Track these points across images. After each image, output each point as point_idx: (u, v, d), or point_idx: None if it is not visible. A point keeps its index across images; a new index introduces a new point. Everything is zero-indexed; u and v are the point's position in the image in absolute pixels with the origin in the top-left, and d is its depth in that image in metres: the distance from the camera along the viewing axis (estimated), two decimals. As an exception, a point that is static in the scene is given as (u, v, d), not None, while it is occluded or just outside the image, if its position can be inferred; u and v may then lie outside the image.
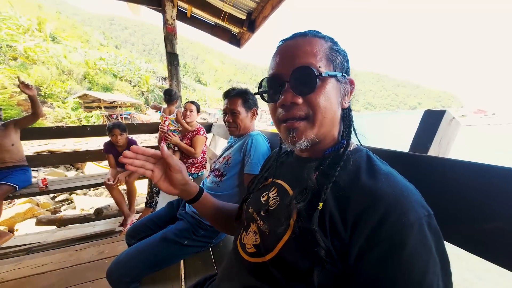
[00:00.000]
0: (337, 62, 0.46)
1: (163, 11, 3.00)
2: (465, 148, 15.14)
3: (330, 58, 0.46)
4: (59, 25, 48.57)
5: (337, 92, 0.47)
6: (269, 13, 2.85)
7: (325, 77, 0.44)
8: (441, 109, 0.55)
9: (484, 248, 0.40)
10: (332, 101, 0.46)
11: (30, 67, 23.16)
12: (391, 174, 0.40)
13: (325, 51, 0.46)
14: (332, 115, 0.47)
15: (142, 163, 0.56)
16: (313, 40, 0.46)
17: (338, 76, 0.46)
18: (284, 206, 0.47)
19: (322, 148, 0.51)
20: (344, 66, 0.48)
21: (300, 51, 0.45)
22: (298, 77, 0.44)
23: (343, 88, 0.48)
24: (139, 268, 0.94)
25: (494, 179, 0.39)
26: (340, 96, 0.48)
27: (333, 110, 0.46)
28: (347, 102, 0.50)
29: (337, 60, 0.46)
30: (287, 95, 0.45)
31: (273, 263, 0.45)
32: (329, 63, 0.46)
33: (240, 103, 1.20)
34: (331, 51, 0.46)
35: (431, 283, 0.31)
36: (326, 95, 0.44)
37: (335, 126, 0.49)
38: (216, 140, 3.35)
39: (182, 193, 0.64)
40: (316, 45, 0.45)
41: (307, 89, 0.44)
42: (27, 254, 1.95)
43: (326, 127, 0.47)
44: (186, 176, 0.62)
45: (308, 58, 0.44)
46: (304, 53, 0.44)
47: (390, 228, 0.33)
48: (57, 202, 4.20)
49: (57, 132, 2.69)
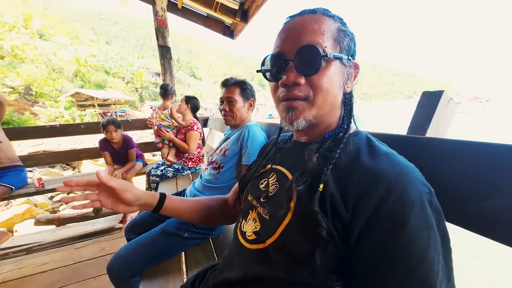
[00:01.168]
0: (344, 44, 0.45)
1: (153, 2, 2.90)
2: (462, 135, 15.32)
3: (338, 39, 0.44)
4: (46, 21, 47.06)
5: (340, 75, 0.45)
6: (262, 2, 2.78)
7: (330, 58, 0.42)
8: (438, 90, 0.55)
9: (482, 225, 0.40)
10: (334, 84, 0.44)
11: (18, 66, 22.53)
12: (392, 154, 0.40)
13: (333, 31, 0.44)
14: (332, 99, 0.45)
15: (84, 196, 0.55)
16: (322, 18, 0.44)
17: (344, 59, 0.44)
18: (284, 190, 0.46)
19: (321, 132, 0.50)
20: (351, 49, 0.46)
21: (307, 29, 0.43)
22: (303, 56, 0.42)
23: (347, 71, 0.46)
24: (139, 262, 0.94)
25: (491, 156, 0.38)
26: (343, 80, 0.46)
27: (335, 93, 0.45)
28: (349, 86, 0.48)
29: (344, 42, 0.45)
30: (290, 75, 0.44)
31: (274, 248, 0.45)
32: (336, 44, 0.44)
33: (238, 92, 1.19)
34: (339, 31, 0.44)
35: (433, 260, 0.31)
36: (329, 78, 0.43)
37: (335, 109, 0.48)
38: (212, 134, 3.33)
39: (142, 207, 0.63)
40: (325, 24, 0.43)
41: (311, 70, 0.42)
42: (28, 253, 1.95)
43: (325, 109, 0.46)
44: (136, 192, 0.61)
45: (315, 37, 0.42)
46: (311, 31, 0.43)
47: (391, 206, 0.33)
48: (55, 202, 4.18)
49: (50, 131, 2.63)
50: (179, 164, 2.29)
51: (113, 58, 40.02)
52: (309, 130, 0.49)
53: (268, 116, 45.96)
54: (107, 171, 2.34)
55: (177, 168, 2.24)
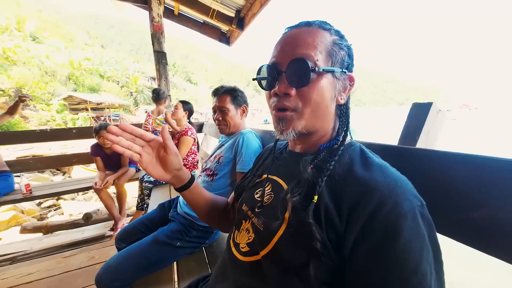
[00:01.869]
0: (337, 57, 0.45)
1: (149, 8, 2.92)
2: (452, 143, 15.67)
3: (331, 53, 0.45)
4: (40, 24, 46.57)
5: (331, 88, 0.46)
6: (258, 10, 2.83)
7: (321, 72, 0.43)
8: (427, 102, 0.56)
9: (471, 237, 0.40)
10: (324, 96, 0.45)
11: (10, 68, 22.12)
12: (384, 166, 0.40)
13: (327, 44, 0.45)
14: (322, 111, 0.46)
15: (129, 144, 0.52)
16: (317, 31, 0.45)
17: (336, 72, 0.45)
18: (279, 200, 0.46)
19: (315, 142, 0.50)
20: (345, 62, 0.47)
21: (301, 41, 0.44)
22: (294, 68, 0.43)
23: (341, 84, 0.47)
24: (129, 272, 0.91)
25: (480, 168, 0.39)
26: (335, 92, 0.47)
27: (324, 105, 0.46)
28: (343, 98, 0.48)
29: (338, 55, 0.46)
30: (281, 85, 0.45)
31: (268, 259, 0.44)
32: (329, 58, 0.45)
33: (229, 100, 1.19)
34: (333, 45, 0.45)
35: (425, 271, 0.31)
36: (319, 90, 0.44)
37: (326, 121, 0.49)
38: (207, 140, 3.31)
39: (174, 179, 0.61)
40: (319, 37, 0.44)
41: (301, 82, 0.43)
42: (12, 263, 1.87)
43: (315, 120, 0.46)
44: (181, 161, 0.60)
45: (308, 49, 0.43)
46: (305, 44, 0.44)
47: (384, 218, 0.33)
48: (43, 208, 4.04)
49: (41, 135, 2.57)
50: (173, 170, 2.26)
51: (108, 62, 39.75)
52: (302, 140, 0.50)
53: (263, 122, 46.17)
54: (98, 177, 2.29)
55: (171, 174, 2.21)
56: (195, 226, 1.09)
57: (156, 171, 0.56)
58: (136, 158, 0.53)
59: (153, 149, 0.56)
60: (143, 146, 0.55)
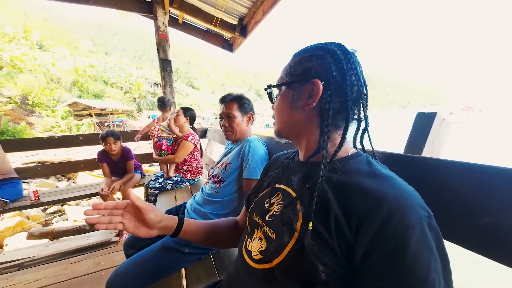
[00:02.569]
0: (297, 71, 0.52)
1: (155, 18, 3.00)
2: (457, 147, 15.51)
3: (289, 71, 0.53)
4: (46, 32, 47.68)
5: (285, 98, 0.54)
6: (260, 18, 2.89)
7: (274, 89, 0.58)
8: (432, 111, 0.58)
9: (477, 243, 0.42)
10: (281, 107, 0.56)
11: (16, 76, 22.57)
12: (392, 177, 0.42)
13: (290, 65, 0.53)
14: (288, 118, 0.55)
15: (108, 219, 0.56)
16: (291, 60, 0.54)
17: (292, 84, 0.53)
18: (289, 210, 0.48)
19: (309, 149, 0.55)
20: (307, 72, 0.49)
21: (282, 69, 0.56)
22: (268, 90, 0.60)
23: (299, 91, 0.51)
24: (139, 278, 0.92)
25: (485, 178, 0.41)
26: (294, 100, 0.52)
27: (286, 113, 0.55)
28: (310, 103, 0.49)
29: (297, 69, 0.52)
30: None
31: (281, 268, 0.45)
32: (286, 76, 0.54)
33: (236, 108, 1.22)
34: (295, 64, 0.52)
35: (433, 281, 0.33)
36: (278, 103, 0.57)
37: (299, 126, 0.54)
38: (211, 145, 3.34)
39: (161, 231, 0.63)
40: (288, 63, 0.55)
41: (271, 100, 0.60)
42: (19, 269, 1.88)
43: (283, 125, 0.58)
44: (158, 213, 0.62)
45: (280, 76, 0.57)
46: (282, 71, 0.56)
47: (393, 229, 0.35)
48: (48, 214, 4.06)
49: (48, 142, 2.62)
50: (178, 176, 2.28)
51: (112, 69, 40.36)
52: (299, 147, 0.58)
53: (265, 126, 46.25)
54: (104, 183, 2.32)
55: (176, 181, 2.23)
56: (203, 233, 1.10)
57: (142, 231, 0.60)
58: (120, 228, 0.57)
59: (131, 213, 0.59)
60: (122, 215, 0.58)
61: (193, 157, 2.32)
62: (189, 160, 2.30)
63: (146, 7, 3.04)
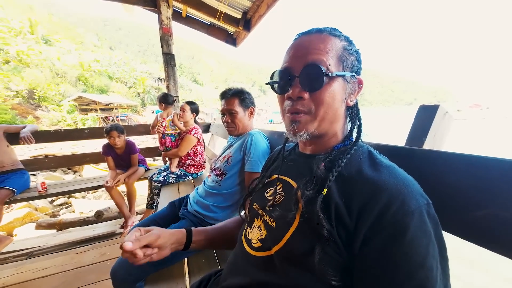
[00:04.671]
0: (348, 62, 0.48)
1: (158, 11, 2.98)
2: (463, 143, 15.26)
3: (341, 58, 0.47)
4: (51, 27, 47.95)
5: (342, 91, 0.48)
6: (264, 12, 2.85)
7: (333, 76, 0.46)
8: (435, 104, 0.57)
9: (475, 234, 0.42)
10: (336, 99, 0.47)
11: (23, 70, 22.86)
12: (392, 167, 0.42)
13: (337, 50, 0.47)
14: (334, 112, 0.48)
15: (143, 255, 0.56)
16: (328, 38, 0.47)
17: (346, 76, 0.47)
18: (291, 198, 0.49)
19: (325, 143, 0.53)
20: (355, 66, 0.49)
21: (313, 47, 0.46)
22: (307, 73, 0.46)
23: (350, 87, 0.49)
24: (143, 267, 0.94)
25: (484, 169, 0.41)
26: (346, 95, 0.49)
27: (335, 107, 0.48)
28: (352, 100, 0.51)
29: (348, 60, 0.48)
30: (295, 90, 0.47)
31: (280, 255, 0.46)
32: (340, 63, 0.47)
33: (237, 103, 1.21)
34: (343, 51, 0.47)
35: (431, 266, 0.33)
36: (331, 93, 0.46)
37: (336, 122, 0.51)
38: (214, 140, 3.35)
39: (174, 248, 0.66)
40: (330, 44, 0.46)
41: (314, 86, 0.46)
42: (28, 258, 1.95)
43: (327, 122, 0.49)
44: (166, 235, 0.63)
45: (320, 55, 0.45)
46: (317, 50, 0.46)
47: (392, 216, 0.35)
48: (55, 206, 4.17)
49: (55, 135, 2.67)
50: (181, 170, 2.31)
51: (116, 63, 40.55)
52: (313, 141, 0.52)
53: (268, 122, 46.13)
54: (109, 176, 2.36)
55: (179, 175, 2.26)
56: (205, 224, 1.12)
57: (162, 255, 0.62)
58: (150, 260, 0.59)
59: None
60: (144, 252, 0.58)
61: (196, 151, 2.34)
62: (192, 154, 2.32)
63: (150, 1, 3.02)
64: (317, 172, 0.46)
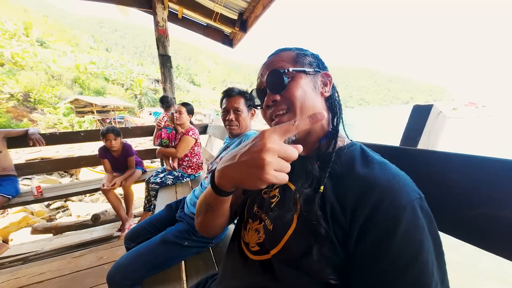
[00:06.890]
0: (304, 61, 0.53)
1: (154, 13, 2.97)
2: (459, 141, 15.39)
3: (297, 60, 0.53)
4: (46, 29, 47.57)
5: (310, 83, 0.52)
6: (260, 12, 2.86)
7: (292, 72, 0.51)
8: (429, 103, 0.57)
9: (468, 233, 0.42)
10: (306, 90, 0.51)
11: (18, 73, 22.63)
12: (384, 163, 0.43)
13: (292, 57, 0.53)
14: (310, 103, 0.51)
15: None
16: (282, 53, 0.55)
17: (307, 70, 0.52)
18: (288, 200, 0.49)
19: (315, 139, 0.53)
20: (313, 63, 0.54)
21: (272, 62, 0.54)
22: (272, 79, 0.52)
23: (317, 79, 0.53)
24: (140, 270, 0.94)
25: (477, 168, 0.41)
26: (316, 86, 0.53)
27: (309, 97, 0.51)
28: (327, 91, 0.54)
29: (304, 60, 0.53)
30: (268, 97, 0.53)
31: (278, 258, 0.46)
32: (296, 64, 0.52)
33: (243, 102, 1.21)
34: (298, 56, 0.53)
35: (426, 260, 0.33)
36: (298, 87, 0.50)
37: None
38: (212, 141, 3.34)
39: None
40: (284, 55, 0.54)
41: (280, 86, 0.51)
42: (24, 263, 1.92)
43: (308, 113, 0.50)
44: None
45: (278, 64, 0.53)
46: (275, 62, 0.54)
47: (384, 211, 0.36)
48: (52, 210, 4.13)
49: (50, 138, 2.63)
50: (178, 171, 2.30)
51: (113, 65, 40.34)
52: (303, 141, 0.52)
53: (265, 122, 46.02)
54: (106, 179, 2.34)
55: (177, 176, 2.25)
56: (202, 226, 1.12)
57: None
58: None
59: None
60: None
61: (193, 152, 2.33)
62: (189, 155, 2.31)
63: (145, 2, 3.01)
64: (312, 172, 0.47)
